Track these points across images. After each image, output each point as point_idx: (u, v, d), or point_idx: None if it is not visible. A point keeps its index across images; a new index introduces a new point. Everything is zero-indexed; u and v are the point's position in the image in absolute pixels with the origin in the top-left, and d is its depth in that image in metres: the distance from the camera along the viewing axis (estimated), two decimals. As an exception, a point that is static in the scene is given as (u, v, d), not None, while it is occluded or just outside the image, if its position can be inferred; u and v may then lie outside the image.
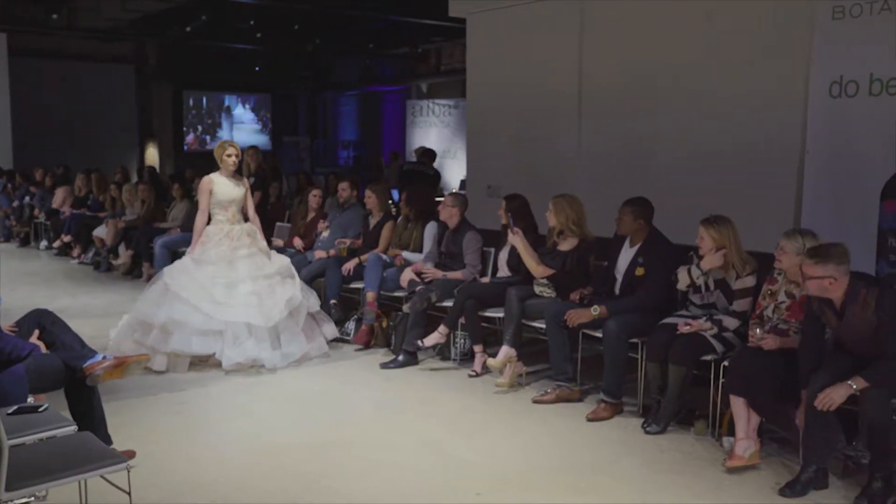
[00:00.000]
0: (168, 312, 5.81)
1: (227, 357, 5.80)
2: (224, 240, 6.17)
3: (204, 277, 5.98)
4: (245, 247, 6.20)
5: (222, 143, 6.43)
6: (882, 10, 5.25)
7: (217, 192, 6.24)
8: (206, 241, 6.17)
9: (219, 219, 6.26)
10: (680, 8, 6.42)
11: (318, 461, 4.32)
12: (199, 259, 6.10)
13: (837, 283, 3.92)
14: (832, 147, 5.50)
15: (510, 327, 5.55)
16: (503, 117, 8.04)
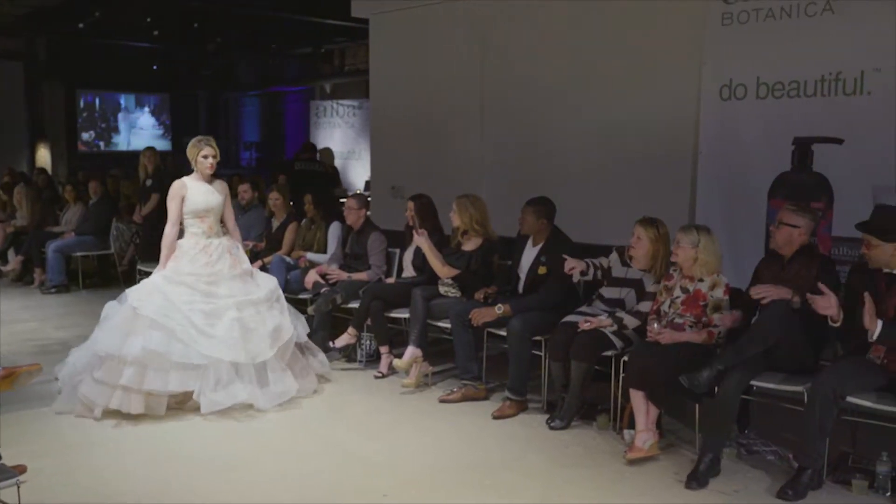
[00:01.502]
0: (144, 342, 4.87)
1: (210, 401, 4.92)
2: (200, 255, 5.27)
3: (179, 299, 5.09)
4: (226, 265, 5.32)
5: (197, 141, 5.42)
6: (767, 18, 5.47)
7: (191, 199, 5.31)
8: (179, 257, 5.26)
9: (193, 231, 5.35)
10: (578, 11, 6.55)
11: (222, 469, 4.23)
12: (172, 278, 5.19)
13: (801, 238, 4.32)
14: (723, 148, 5.71)
15: (416, 327, 5.57)
16: (407, 118, 8.05)
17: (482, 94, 7.37)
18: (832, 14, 5.19)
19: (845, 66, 5.14)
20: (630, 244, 4.89)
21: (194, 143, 5.42)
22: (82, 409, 4.92)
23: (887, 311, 3.91)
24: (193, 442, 4.65)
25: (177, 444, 4.59)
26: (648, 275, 4.88)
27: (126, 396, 4.85)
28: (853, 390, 3.94)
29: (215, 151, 5.42)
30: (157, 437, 4.69)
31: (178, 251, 5.29)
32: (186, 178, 5.43)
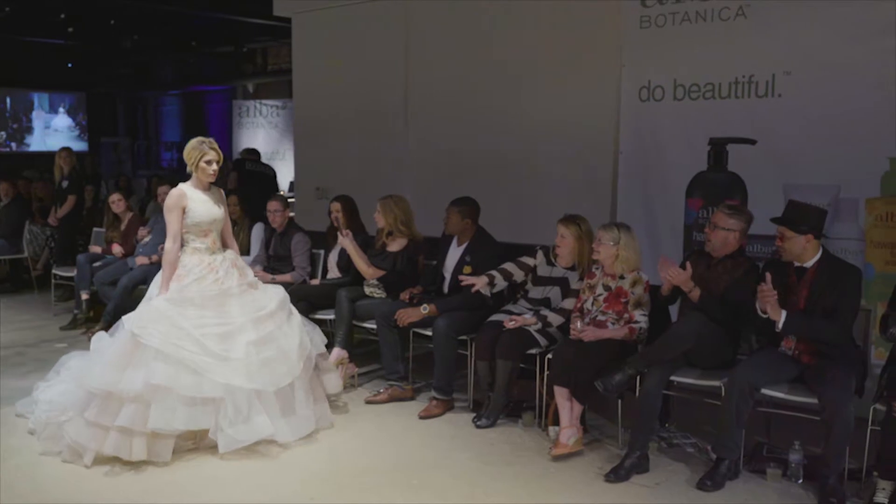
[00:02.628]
0: (146, 377, 4.19)
1: (229, 438, 4.27)
2: (207, 274, 4.62)
3: (189, 323, 4.39)
4: (234, 281, 4.68)
5: (198, 143, 4.68)
6: (683, 21, 5.61)
7: (193, 210, 4.64)
8: (182, 277, 4.59)
9: (196, 246, 4.69)
10: (502, 11, 6.61)
11: (138, 478, 4.13)
12: (178, 299, 4.50)
13: (736, 241, 4.43)
14: (643, 148, 5.84)
15: (341, 329, 5.54)
16: (331, 118, 8.00)
17: (407, 94, 7.38)
18: (745, 19, 5.35)
19: (757, 69, 5.31)
20: (556, 243, 4.96)
21: (194, 145, 4.68)
22: (70, 453, 4.26)
23: (798, 302, 4.06)
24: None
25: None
26: (573, 272, 4.96)
27: (124, 439, 4.16)
28: (767, 383, 4.08)
29: (219, 156, 4.73)
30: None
31: (180, 270, 4.61)
32: (184, 185, 4.72)
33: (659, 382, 4.25)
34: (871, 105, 4.85)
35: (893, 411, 3.68)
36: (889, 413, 3.70)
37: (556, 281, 5.00)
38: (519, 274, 5.07)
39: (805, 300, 4.09)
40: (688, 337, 4.23)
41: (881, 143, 4.84)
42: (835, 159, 4.99)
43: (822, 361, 4.04)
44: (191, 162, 4.68)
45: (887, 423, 3.72)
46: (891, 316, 3.92)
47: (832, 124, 5.01)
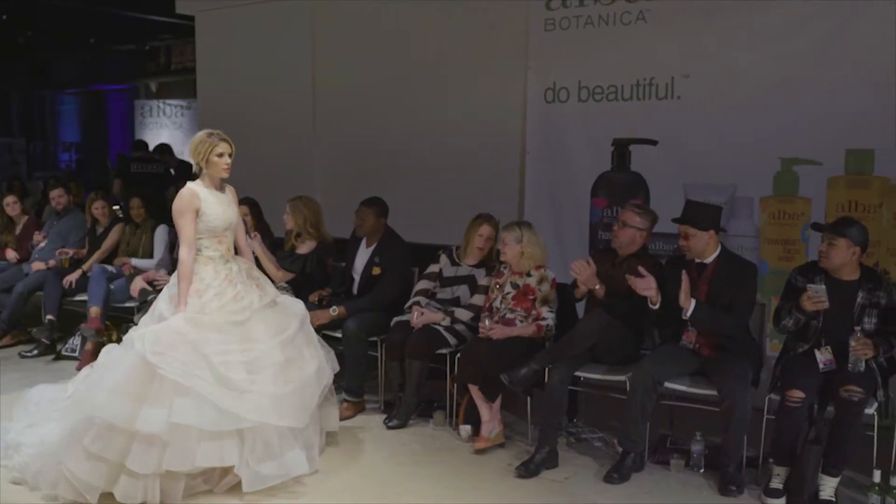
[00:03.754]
0: (168, 414, 3.64)
1: (255, 475, 3.80)
2: (226, 287, 4.05)
3: (211, 349, 3.82)
4: (255, 296, 4.14)
5: (206, 135, 4.10)
6: (587, 24, 5.73)
7: (207, 213, 4.05)
8: (201, 292, 4.00)
9: (209, 255, 4.09)
10: (410, 11, 6.60)
11: (38, 490, 3.95)
12: (199, 320, 3.89)
13: (643, 239, 4.54)
14: (549, 148, 5.93)
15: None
16: (237, 119, 7.80)
17: (314, 94, 7.30)
18: (645, 23, 5.50)
19: (658, 72, 5.46)
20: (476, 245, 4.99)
21: (202, 138, 4.10)
22: (69, 491, 3.70)
23: (699, 296, 4.20)
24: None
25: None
26: (479, 269, 5.01)
27: (135, 484, 3.66)
28: (670, 376, 4.21)
29: (232, 148, 4.16)
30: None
31: (197, 284, 4.01)
32: (193, 184, 4.12)
33: (564, 378, 4.33)
34: (764, 107, 5.05)
35: (787, 401, 3.84)
36: (783, 402, 3.86)
37: (463, 279, 5.04)
38: (431, 285, 5.09)
39: (705, 295, 4.24)
40: (592, 334, 4.32)
41: (774, 144, 5.04)
42: (731, 159, 5.18)
43: (720, 354, 4.20)
44: (200, 157, 4.08)
45: (781, 412, 3.88)
46: (784, 309, 4.09)
47: (728, 126, 5.19)
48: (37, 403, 4.32)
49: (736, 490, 3.96)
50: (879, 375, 3.91)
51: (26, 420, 4.22)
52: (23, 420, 4.24)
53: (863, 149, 4.84)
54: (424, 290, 5.08)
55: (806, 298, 3.90)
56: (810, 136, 4.95)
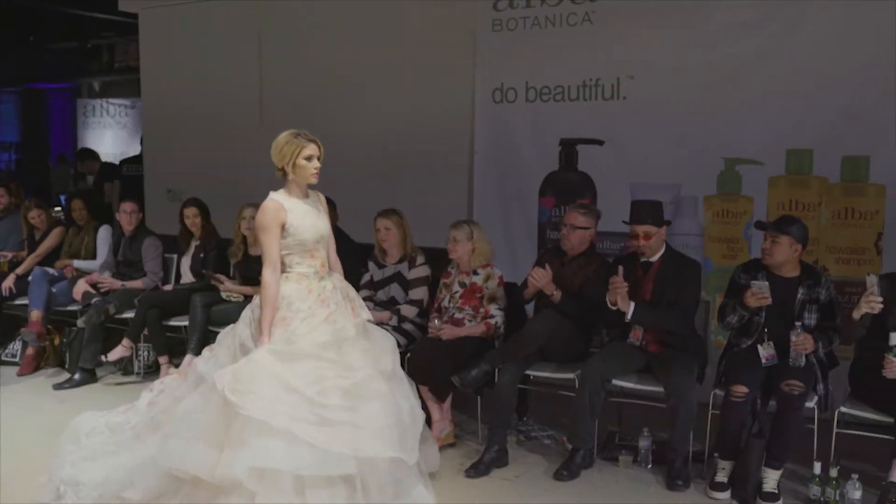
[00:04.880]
0: (252, 458, 3.16)
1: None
2: (317, 308, 3.56)
3: (302, 381, 3.33)
4: (348, 320, 3.63)
5: (292, 136, 3.65)
6: (534, 25, 5.77)
7: (295, 225, 3.59)
8: (289, 319, 3.49)
9: (300, 271, 3.60)
10: (358, 10, 6.57)
11: (-22, 500, 3.83)
12: (287, 352, 3.40)
13: (591, 237, 4.59)
14: (497, 148, 5.96)
15: (195, 335, 5.38)
16: (182, 118, 7.72)
17: (262, 93, 7.22)
18: (591, 24, 5.56)
19: (604, 73, 5.53)
20: (381, 238, 4.98)
21: (288, 139, 3.63)
22: None
23: (644, 294, 4.26)
24: None
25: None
26: (403, 264, 5.00)
27: None
28: (617, 373, 4.26)
29: (321, 150, 3.67)
30: None
31: (284, 310, 3.51)
32: (277, 195, 3.64)
33: (514, 378, 4.36)
34: (707, 108, 5.15)
35: (731, 396, 3.91)
36: (727, 397, 3.93)
37: (392, 278, 5.03)
38: (369, 293, 5.08)
39: (651, 293, 4.30)
40: (542, 334, 4.35)
41: (717, 144, 5.14)
42: (676, 159, 5.27)
43: (666, 351, 4.26)
44: (285, 160, 3.61)
45: (726, 407, 3.95)
46: (728, 306, 4.17)
47: (673, 126, 5.28)
48: (88, 434, 3.77)
49: (682, 485, 4.02)
50: (819, 370, 4.01)
51: (79, 453, 3.69)
52: (75, 453, 3.69)
53: (802, 149, 4.96)
54: (366, 299, 5.05)
55: (750, 295, 3.98)
56: (752, 136, 5.06)
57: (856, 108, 4.80)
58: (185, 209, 5.92)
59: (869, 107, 4.77)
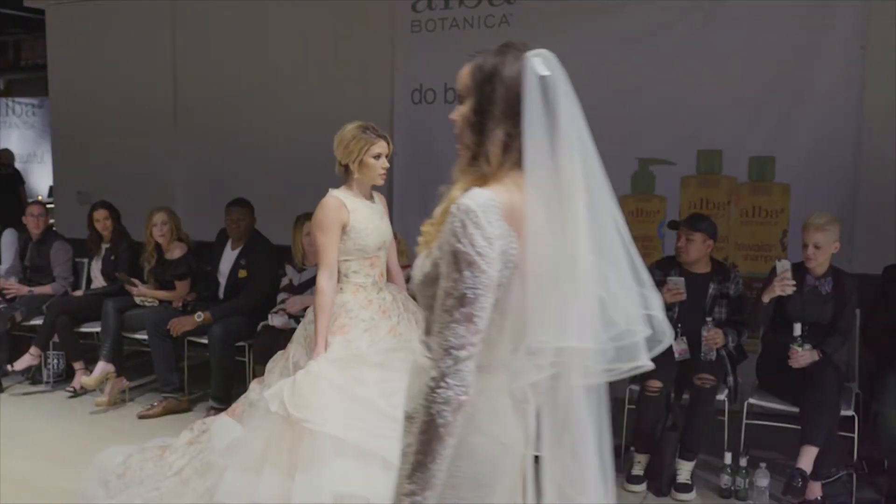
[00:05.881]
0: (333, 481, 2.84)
1: None
2: (379, 320, 3.23)
3: (370, 391, 3.01)
4: (413, 331, 3.22)
5: (360, 129, 3.30)
6: (452, 27, 5.80)
7: (357, 227, 3.26)
8: (349, 327, 3.17)
9: (359, 281, 3.27)
10: (274, 9, 6.49)
11: None
12: (347, 358, 3.09)
13: None
14: (416, 150, 5.95)
15: (107, 341, 5.24)
16: (93, 119, 7.49)
17: (175, 93, 7.06)
18: (509, 26, 5.61)
19: (521, 74, 5.58)
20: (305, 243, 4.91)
21: (355, 133, 3.28)
22: None
23: None
24: None
25: None
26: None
27: None
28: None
29: (390, 148, 3.38)
30: None
31: (342, 318, 3.18)
32: (338, 192, 3.31)
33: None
34: (622, 109, 5.25)
35: (646, 390, 4.00)
36: (642, 392, 4.03)
37: (313, 281, 4.98)
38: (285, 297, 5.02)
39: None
40: None
41: (631, 145, 5.25)
42: (592, 159, 5.35)
43: (584, 349, 4.32)
44: (351, 157, 3.27)
45: (641, 402, 4.05)
46: None
47: (590, 126, 5.35)
48: (120, 476, 3.46)
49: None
50: (729, 363, 4.14)
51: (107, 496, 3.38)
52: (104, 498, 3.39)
53: (712, 149, 5.11)
54: (281, 303, 5.00)
55: (666, 291, 4.08)
56: (665, 137, 5.20)
57: (762, 109, 4.98)
58: (95, 212, 5.76)
59: (774, 108, 4.95)
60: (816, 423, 3.70)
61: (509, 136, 1.62)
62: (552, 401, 1.65)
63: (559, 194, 1.58)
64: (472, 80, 1.68)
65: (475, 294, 1.49)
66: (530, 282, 1.53)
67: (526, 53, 1.64)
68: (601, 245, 1.60)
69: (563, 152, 1.60)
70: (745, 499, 3.88)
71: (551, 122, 1.61)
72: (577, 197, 1.59)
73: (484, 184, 1.61)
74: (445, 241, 1.55)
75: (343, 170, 3.32)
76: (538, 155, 1.58)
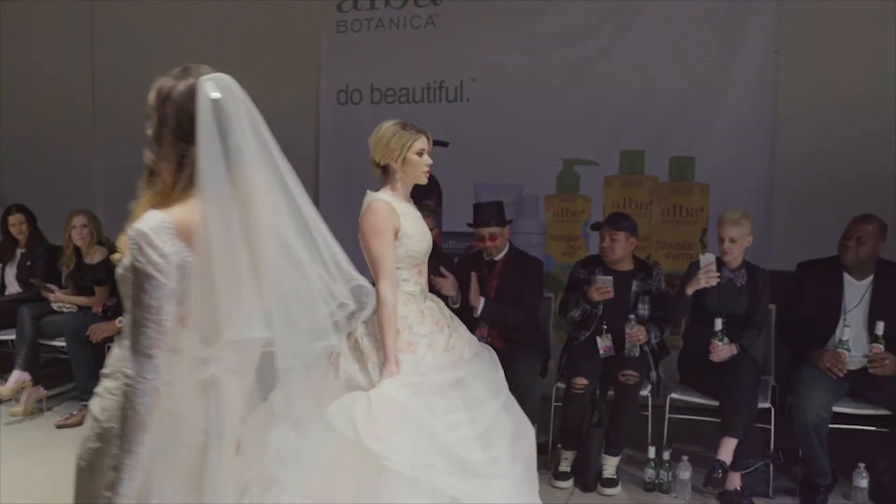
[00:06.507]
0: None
1: None
2: (437, 335, 2.98)
3: (441, 425, 2.74)
4: (464, 342, 3.09)
5: (399, 126, 3.03)
6: (378, 28, 5.79)
7: (408, 233, 2.99)
8: (415, 342, 2.92)
9: (408, 290, 3.01)
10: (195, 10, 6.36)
11: None
12: (418, 384, 2.82)
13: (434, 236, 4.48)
14: (343, 150, 5.92)
15: (22, 349, 5.07)
16: (8, 120, 7.22)
17: (94, 95, 6.87)
18: (434, 27, 5.64)
19: (447, 75, 5.62)
20: None
21: (396, 130, 3.01)
22: None
23: (489, 292, 4.35)
24: None
25: None
26: None
27: None
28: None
29: (430, 144, 3.09)
30: None
31: (405, 333, 2.92)
32: (384, 195, 3.01)
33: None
34: (546, 110, 5.32)
35: (572, 388, 4.06)
36: (569, 389, 4.08)
37: None
38: None
39: (495, 290, 4.39)
40: None
41: (556, 145, 5.33)
42: (518, 160, 5.42)
43: (511, 346, 4.36)
44: (392, 155, 3.00)
45: (567, 399, 4.10)
46: (570, 301, 4.32)
47: (514, 128, 5.43)
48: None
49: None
50: (652, 359, 4.23)
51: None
52: None
53: (635, 150, 5.22)
54: None
55: (594, 289, 4.14)
56: (589, 137, 5.29)
57: (682, 111, 5.11)
58: (10, 216, 5.57)
59: (693, 110, 5.08)
60: (735, 415, 3.80)
61: (183, 157, 1.77)
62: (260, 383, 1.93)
63: (238, 207, 1.75)
64: (154, 102, 1.85)
65: (159, 303, 1.70)
66: (213, 284, 1.73)
67: (200, 77, 1.80)
68: (293, 244, 1.83)
69: (240, 169, 1.76)
70: (669, 491, 3.97)
71: (225, 142, 1.74)
72: (260, 207, 1.79)
73: (163, 201, 1.77)
74: (129, 258, 1.74)
75: (381, 171, 3.06)
76: (213, 173, 1.72)
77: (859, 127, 4.74)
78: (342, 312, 1.86)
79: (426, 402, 2.77)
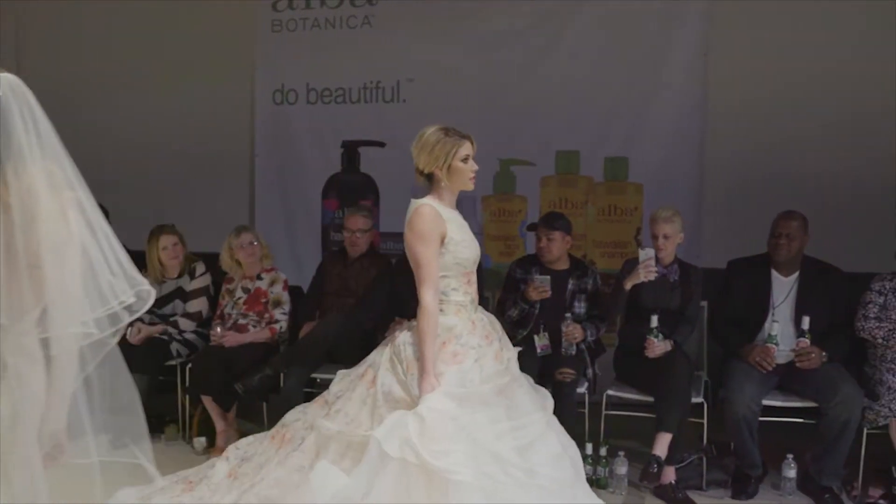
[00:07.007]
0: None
1: None
2: (486, 347, 2.90)
3: (487, 435, 2.70)
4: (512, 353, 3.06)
5: (442, 131, 2.93)
6: (314, 27, 5.74)
7: (455, 240, 2.91)
8: (461, 356, 2.83)
9: (457, 300, 2.93)
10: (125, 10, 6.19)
11: None
12: (464, 395, 2.76)
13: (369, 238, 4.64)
14: (278, 150, 5.86)
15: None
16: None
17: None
18: (371, 27, 5.61)
19: (383, 75, 5.60)
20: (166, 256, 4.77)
21: (439, 136, 2.91)
22: None
23: None
24: None
25: None
26: (183, 278, 4.82)
27: None
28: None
29: (475, 149, 3.01)
30: None
31: (451, 344, 2.84)
32: (431, 201, 2.93)
33: (300, 382, 4.31)
34: (483, 110, 5.33)
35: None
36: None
37: (175, 294, 4.81)
38: None
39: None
40: (328, 337, 4.32)
41: (493, 146, 5.34)
42: (454, 160, 5.41)
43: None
44: (437, 163, 2.90)
45: (506, 397, 4.11)
46: (508, 300, 4.35)
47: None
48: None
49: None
50: (588, 356, 4.28)
51: None
52: None
53: (570, 150, 5.28)
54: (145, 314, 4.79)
55: (532, 289, 4.16)
56: (525, 138, 5.33)
57: (616, 112, 5.19)
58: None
59: (627, 111, 5.17)
60: (670, 411, 3.87)
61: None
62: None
63: (20, 201, 1.86)
64: None
65: None
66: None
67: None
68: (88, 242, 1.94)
69: (22, 167, 1.86)
70: (606, 487, 4.01)
71: (6, 139, 1.83)
72: (42, 203, 1.88)
73: None
74: None
75: (425, 179, 2.97)
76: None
77: (786, 126, 4.88)
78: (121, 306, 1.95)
79: (472, 415, 2.71)
